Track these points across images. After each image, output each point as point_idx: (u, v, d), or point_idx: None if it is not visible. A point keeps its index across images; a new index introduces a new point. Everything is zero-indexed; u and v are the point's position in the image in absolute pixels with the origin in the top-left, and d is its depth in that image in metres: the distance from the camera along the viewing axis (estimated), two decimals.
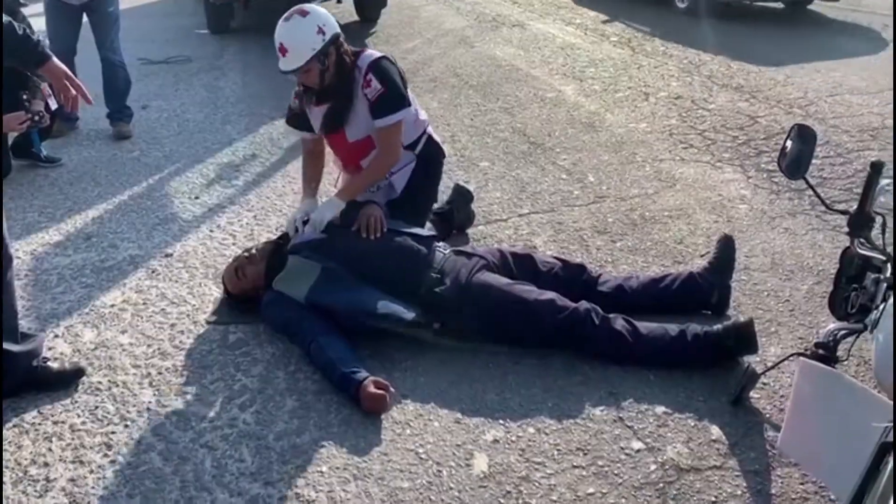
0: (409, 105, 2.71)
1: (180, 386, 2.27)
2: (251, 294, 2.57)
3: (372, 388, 2.10)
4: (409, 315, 2.30)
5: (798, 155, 1.96)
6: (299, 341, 2.36)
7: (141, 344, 2.49)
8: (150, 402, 2.20)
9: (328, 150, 2.95)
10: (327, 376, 2.23)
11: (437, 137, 3.03)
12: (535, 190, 3.60)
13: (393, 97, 2.66)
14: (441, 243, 2.62)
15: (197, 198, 3.67)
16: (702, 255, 2.90)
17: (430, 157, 2.97)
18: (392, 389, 2.14)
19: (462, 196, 3.19)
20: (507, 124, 4.55)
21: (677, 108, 4.68)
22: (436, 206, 3.08)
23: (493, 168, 3.89)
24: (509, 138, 4.31)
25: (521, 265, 2.55)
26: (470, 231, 3.19)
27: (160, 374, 2.33)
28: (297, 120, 2.86)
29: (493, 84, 5.39)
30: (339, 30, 2.63)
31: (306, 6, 2.61)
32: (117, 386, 2.28)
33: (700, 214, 3.28)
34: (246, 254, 2.62)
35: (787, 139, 2.02)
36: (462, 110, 4.85)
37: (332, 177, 3.16)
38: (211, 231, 3.30)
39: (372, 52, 2.71)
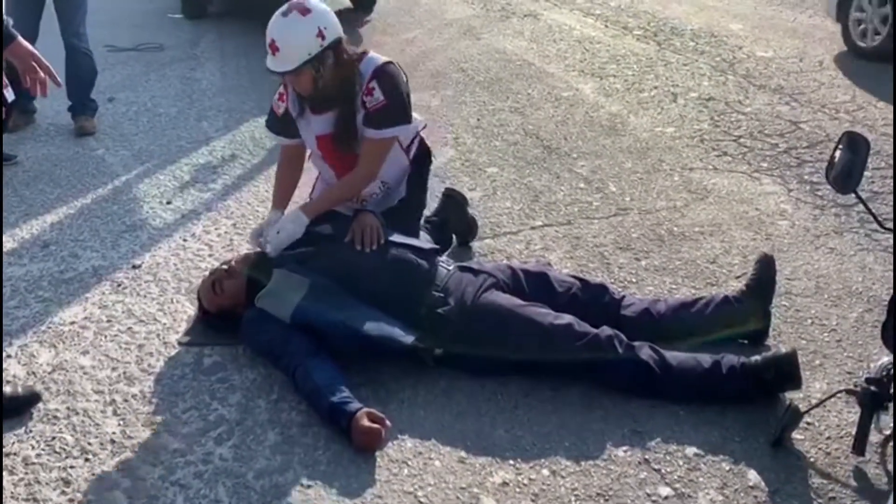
0: (409, 122, 2.72)
1: (148, 415, 2.26)
2: (230, 312, 2.57)
3: (365, 422, 2.10)
4: (408, 339, 2.31)
5: (848, 166, 1.98)
6: (283, 366, 2.35)
7: (104, 367, 2.48)
8: (114, 433, 2.19)
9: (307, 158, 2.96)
10: (314, 406, 2.22)
11: (426, 139, 3.05)
12: (549, 200, 3.62)
13: (394, 112, 2.66)
14: (444, 258, 2.63)
15: (169, 202, 3.67)
16: (737, 277, 2.91)
17: (421, 160, 2.99)
18: (388, 423, 2.13)
19: (453, 200, 3.17)
20: (517, 126, 4.57)
21: (709, 111, 4.71)
22: (426, 213, 3.10)
23: (502, 174, 3.91)
24: (520, 141, 4.33)
25: (535, 284, 2.56)
26: (475, 244, 3.20)
27: (126, 401, 2.32)
28: (280, 124, 2.86)
29: (501, 80, 5.42)
30: (341, 33, 2.62)
31: (309, 2, 2.57)
32: (77, 414, 2.27)
33: (735, 231, 3.29)
34: (224, 266, 2.63)
35: (835, 148, 2.04)
36: (467, 109, 4.87)
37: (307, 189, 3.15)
38: (184, 240, 3.31)
39: (376, 57, 2.71)
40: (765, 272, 2.57)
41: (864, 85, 5.05)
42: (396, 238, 2.63)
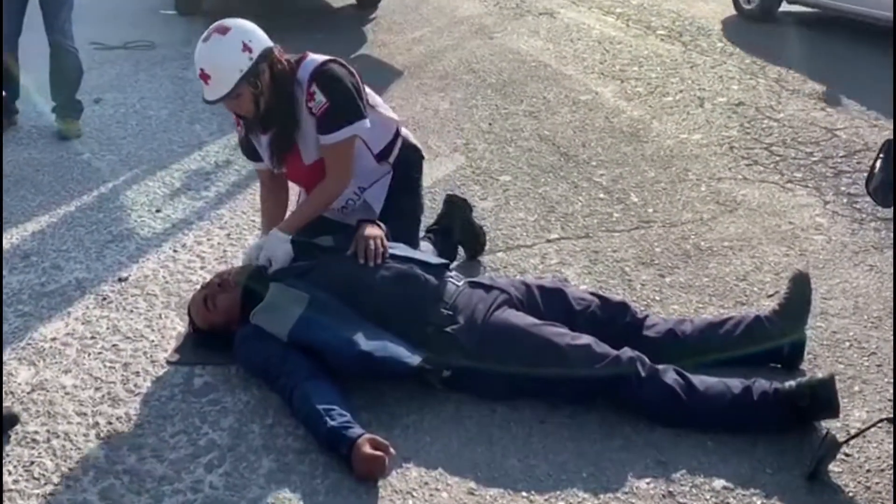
0: (363, 117, 2.74)
1: (134, 439, 2.26)
2: (222, 329, 2.57)
3: (367, 449, 2.09)
4: (415, 360, 2.30)
5: (890, 177, 1.97)
6: (280, 387, 2.35)
7: (87, 387, 2.48)
8: (97, 459, 2.19)
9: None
10: (313, 431, 2.21)
11: (412, 138, 3.08)
12: (566, 211, 3.62)
13: (340, 110, 2.68)
14: (453, 272, 2.63)
15: (158, 211, 3.69)
16: (769, 296, 2.90)
17: (408, 164, 3.01)
18: (392, 451, 2.12)
19: (456, 207, 3.17)
20: (532, 131, 4.58)
21: (739, 117, 4.71)
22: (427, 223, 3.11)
23: (516, 183, 3.91)
24: (535, 148, 4.34)
25: (551, 301, 2.55)
26: (487, 258, 3.20)
27: (110, 423, 2.32)
28: (250, 149, 2.93)
29: (515, 83, 5.44)
30: (270, 43, 2.67)
31: (227, 21, 2.64)
32: (58, 437, 2.27)
33: (767, 246, 3.28)
34: (217, 280, 2.63)
35: (876, 158, 2.03)
36: (479, 113, 4.89)
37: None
38: (174, 251, 3.32)
39: (314, 58, 2.73)
40: (799, 291, 2.56)
41: None
42: (402, 251, 2.63)
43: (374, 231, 2.62)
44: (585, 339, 2.33)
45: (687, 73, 5.54)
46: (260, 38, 2.65)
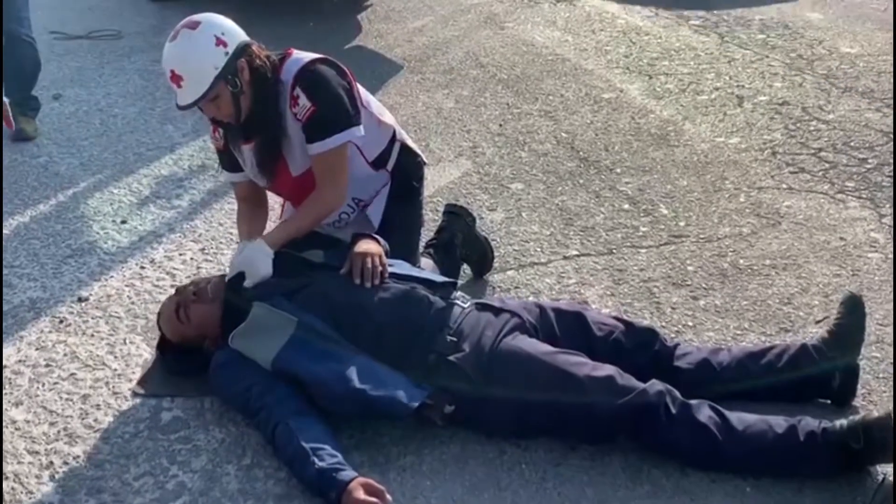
0: (355, 124, 2.74)
1: (93, 482, 2.26)
2: (194, 342, 2.58)
3: (360, 494, 2.08)
4: (414, 401, 2.28)
5: None
6: (260, 422, 2.35)
7: (41, 421, 2.48)
8: (51, 503, 2.18)
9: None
10: (298, 474, 2.21)
11: (411, 142, 3.10)
12: (586, 224, 3.62)
13: (328, 116, 2.69)
14: (459, 293, 2.63)
15: (124, 222, 3.70)
16: (818, 322, 2.90)
17: (407, 171, 3.02)
18: (388, 497, 2.11)
19: (457, 218, 3.18)
20: (548, 133, 4.59)
21: (782, 118, 4.71)
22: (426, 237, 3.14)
23: (529, 192, 3.92)
24: (551, 152, 4.35)
25: (569, 327, 2.55)
26: (496, 277, 3.21)
27: (66, 464, 2.32)
28: (230, 161, 2.94)
29: (529, 78, 5.46)
30: (245, 37, 2.68)
31: (195, 16, 2.65)
32: (7, 479, 2.27)
33: (815, 265, 3.28)
34: (193, 287, 2.63)
35: None
36: (487, 112, 4.91)
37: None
38: (142, 268, 3.33)
39: (299, 57, 2.75)
40: (851, 316, 2.55)
41: None
42: (402, 269, 2.64)
43: (371, 247, 2.63)
44: (608, 369, 2.33)
45: (724, 69, 5.55)
46: (234, 32, 2.66)
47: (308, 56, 2.75)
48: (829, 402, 2.49)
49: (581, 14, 6.97)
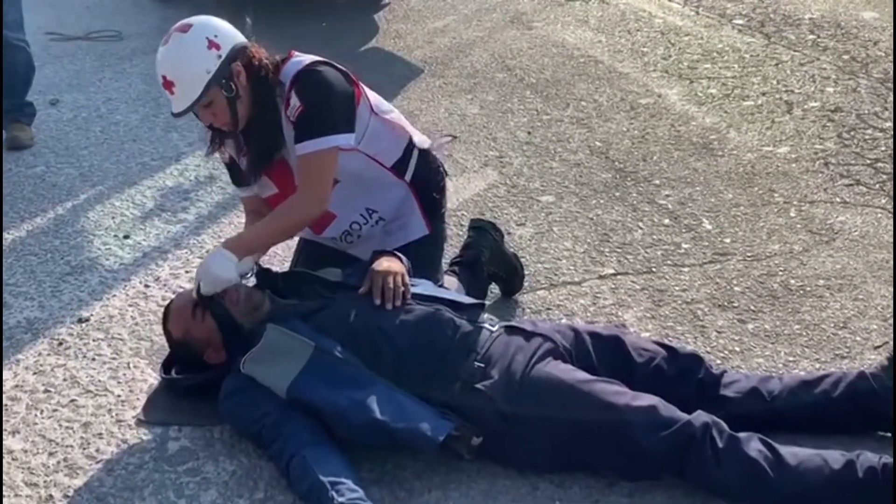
0: (344, 131, 2.72)
1: None
2: (196, 348, 2.60)
3: None
4: (439, 435, 2.28)
5: None
6: (275, 453, 2.36)
7: (40, 451, 2.50)
8: None
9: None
10: None
11: (432, 149, 3.09)
12: (623, 240, 3.62)
13: (316, 116, 2.68)
14: (486, 315, 2.64)
15: (126, 236, 3.73)
16: (877, 348, 2.88)
17: (427, 182, 3.03)
18: None
19: (483, 233, 3.19)
20: (581, 142, 4.60)
21: (835, 126, 4.70)
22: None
23: (561, 205, 3.93)
24: (584, 162, 4.36)
25: (605, 352, 2.55)
26: (525, 297, 3.21)
27: (66, 497, 2.33)
28: (239, 174, 2.96)
29: (560, 83, 5.48)
30: (242, 39, 2.71)
31: (188, 19, 2.68)
32: None
33: (872, 285, 3.27)
34: (223, 295, 2.62)
35: None
36: (515, 119, 4.92)
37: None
38: (146, 286, 3.35)
39: (300, 59, 2.76)
40: None
41: None
42: (426, 290, 2.65)
43: (392, 265, 2.64)
44: (649, 399, 2.32)
45: (771, 72, 5.54)
46: (229, 34, 2.69)
47: (309, 58, 2.77)
48: (888, 434, 2.47)
49: (615, 13, 6.98)
